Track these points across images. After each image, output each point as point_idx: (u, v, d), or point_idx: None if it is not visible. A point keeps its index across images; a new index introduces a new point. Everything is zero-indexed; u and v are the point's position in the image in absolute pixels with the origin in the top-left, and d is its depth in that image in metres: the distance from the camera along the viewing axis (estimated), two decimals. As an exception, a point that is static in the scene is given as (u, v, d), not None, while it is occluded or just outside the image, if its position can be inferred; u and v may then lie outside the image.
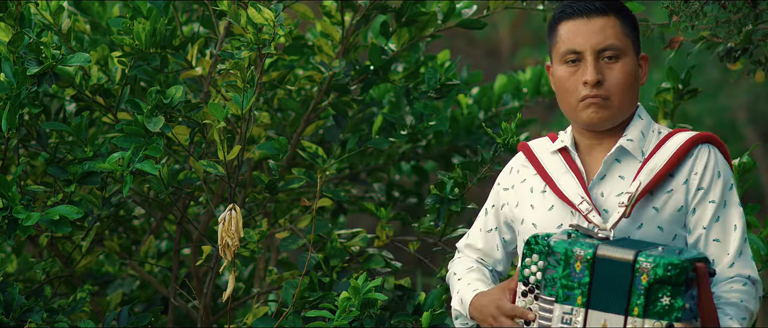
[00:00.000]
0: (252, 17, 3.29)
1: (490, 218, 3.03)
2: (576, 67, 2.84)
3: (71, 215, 3.27)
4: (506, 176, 3.01)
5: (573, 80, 2.84)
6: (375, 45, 3.82)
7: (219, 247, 3.27)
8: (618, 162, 2.86)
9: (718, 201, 2.82)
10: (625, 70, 2.83)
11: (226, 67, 3.38)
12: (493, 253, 3.03)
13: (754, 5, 3.40)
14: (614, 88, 2.82)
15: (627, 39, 2.85)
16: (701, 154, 2.83)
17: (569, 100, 2.85)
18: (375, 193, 4.37)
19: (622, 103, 2.84)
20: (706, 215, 2.81)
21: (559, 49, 2.86)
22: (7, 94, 3.27)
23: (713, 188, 2.82)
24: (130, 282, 4.19)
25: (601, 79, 2.81)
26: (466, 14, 3.84)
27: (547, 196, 2.88)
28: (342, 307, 3.26)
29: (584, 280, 2.68)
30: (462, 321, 2.99)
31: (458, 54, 4.36)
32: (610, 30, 2.83)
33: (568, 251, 2.69)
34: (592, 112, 2.83)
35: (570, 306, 2.69)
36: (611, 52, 2.83)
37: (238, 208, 3.28)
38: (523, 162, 2.98)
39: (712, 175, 2.82)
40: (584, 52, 2.83)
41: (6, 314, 3.40)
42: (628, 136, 2.86)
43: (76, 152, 3.48)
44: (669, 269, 2.61)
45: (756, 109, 8.58)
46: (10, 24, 3.41)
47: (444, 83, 3.70)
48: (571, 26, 2.85)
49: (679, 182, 2.82)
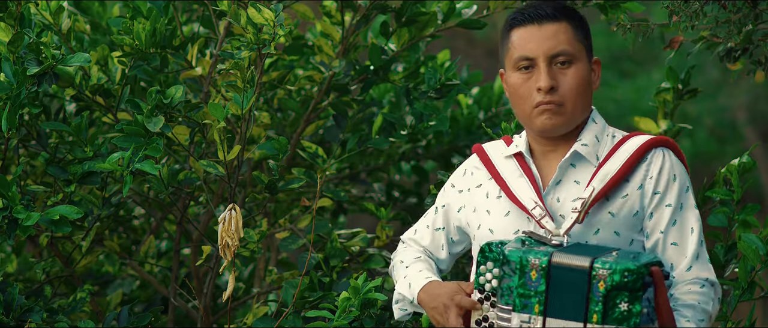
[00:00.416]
0: (252, 17, 3.29)
1: (439, 217, 3.03)
2: (529, 73, 2.84)
3: (71, 215, 3.28)
4: (460, 178, 3.01)
5: (526, 87, 2.84)
6: (375, 45, 3.82)
7: (219, 247, 3.27)
8: (573, 167, 2.85)
9: (675, 204, 2.81)
10: (578, 76, 2.83)
11: (226, 67, 3.38)
12: (437, 252, 3.04)
13: (754, 5, 3.40)
14: (568, 94, 2.83)
15: (579, 44, 2.86)
16: (656, 159, 2.83)
17: (523, 107, 2.85)
18: (375, 193, 4.37)
19: (575, 109, 2.84)
20: (663, 219, 2.81)
21: (512, 55, 2.86)
22: (7, 94, 3.27)
23: (669, 192, 2.82)
24: (130, 282, 4.19)
25: (555, 85, 2.82)
26: (466, 14, 3.84)
27: (503, 201, 2.88)
28: (342, 307, 3.26)
29: (540, 288, 2.67)
30: (402, 306, 2.99)
31: (458, 54, 4.36)
32: (563, 35, 2.84)
33: (523, 260, 2.68)
34: (546, 118, 2.83)
35: (528, 315, 2.69)
36: (564, 58, 2.83)
37: (238, 208, 3.28)
38: (477, 164, 2.98)
39: (668, 178, 2.82)
40: (537, 58, 2.83)
41: (6, 314, 3.40)
42: (582, 141, 2.86)
43: (76, 152, 3.48)
44: (626, 275, 2.60)
45: (756, 109, 8.59)
46: (10, 24, 3.41)
47: (444, 83, 3.70)
48: (523, 33, 2.86)
49: (634, 187, 2.82)
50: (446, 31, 3.89)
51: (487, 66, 8.25)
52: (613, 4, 3.74)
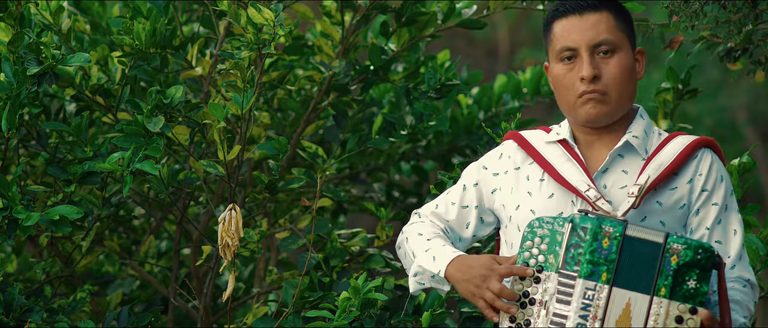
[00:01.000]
0: (252, 17, 3.29)
1: (469, 195, 3.01)
2: (572, 64, 2.86)
3: (71, 215, 3.27)
4: (495, 161, 3.00)
5: (570, 77, 2.86)
6: (375, 45, 3.82)
7: (219, 247, 3.27)
8: (621, 157, 2.88)
9: (721, 205, 2.86)
10: (621, 64, 2.85)
11: (226, 67, 3.38)
12: (461, 230, 3.02)
13: (754, 5, 3.40)
14: (611, 83, 2.84)
15: (621, 33, 2.87)
16: (705, 157, 2.88)
17: (567, 97, 2.87)
18: (375, 193, 4.37)
19: (620, 98, 2.86)
20: (710, 217, 2.85)
21: (555, 47, 2.88)
22: (7, 94, 3.27)
23: (717, 192, 2.86)
24: (130, 282, 4.19)
25: (598, 74, 2.83)
26: (466, 14, 3.84)
27: (546, 184, 2.89)
28: (342, 307, 3.26)
29: (611, 257, 2.70)
30: (421, 279, 2.95)
31: (458, 54, 4.36)
32: (604, 25, 2.85)
33: (597, 227, 2.70)
34: (591, 107, 2.85)
35: (594, 282, 2.70)
36: (606, 47, 2.85)
37: (238, 208, 3.28)
38: (515, 148, 2.98)
39: (716, 179, 2.86)
40: (579, 48, 2.85)
41: (6, 314, 3.40)
42: (633, 133, 2.88)
43: (76, 152, 3.48)
44: (700, 252, 2.65)
45: (756, 109, 8.58)
46: (10, 24, 3.41)
47: (444, 83, 3.70)
48: (565, 24, 2.87)
49: (683, 181, 2.85)
50: (446, 31, 3.89)
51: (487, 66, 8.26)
52: (613, 4, 3.73)
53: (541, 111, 8.28)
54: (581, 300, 2.69)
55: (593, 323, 2.68)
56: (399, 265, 3.68)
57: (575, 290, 2.70)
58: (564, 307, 2.70)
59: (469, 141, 4.27)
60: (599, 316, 2.68)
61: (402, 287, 3.62)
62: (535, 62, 6.25)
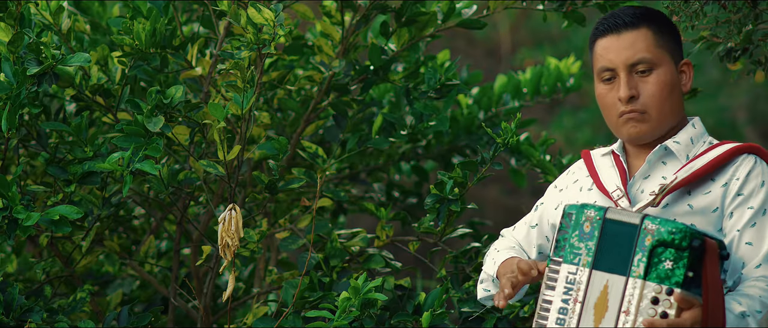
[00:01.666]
0: (252, 17, 3.29)
1: (535, 215, 3.06)
2: (612, 84, 2.87)
3: (71, 215, 3.27)
4: (563, 178, 3.06)
5: (610, 97, 2.88)
6: (375, 45, 3.82)
7: (219, 247, 3.27)
8: (663, 164, 2.88)
9: (758, 209, 2.80)
10: (659, 82, 2.84)
11: (226, 67, 3.38)
12: (529, 249, 3.06)
13: (754, 5, 3.40)
14: (650, 101, 2.85)
15: (660, 50, 2.86)
16: (746, 162, 2.83)
17: (610, 116, 2.89)
18: (375, 193, 4.37)
19: (660, 115, 2.86)
20: (743, 219, 2.79)
21: (595, 66, 2.90)
22: (7, 94, 3.27)
23: (755, 196, 2.81)
24: (130, 282, 4.19)
25: (635, 94, 2.84)
26: (466, 14, 3.84)
27: (592, 193, 2.93)
28: (342, 307, 3.26)
29: (591, 240, 2.70)
30: (486, 286, 3.00)
31: (458, 54, 4.36)
32: (641, 43, 2.85)
33: (579, 212, 2.71)
34: (631, 127, 2.86)
35: (575, 267, 2.70)
36: (644, 66, 2.85)
37: (238, 208, 3.28)
38: (581, 165, 3.03)
39: (756, 184, 2.81)
40: (616, 68, 2.85)
41: (6, 314, 3.40)
42: (675, 139, 2.88)
43: (76, 152, 3.48)
44: (673, 232, 2.62)
45: (756, 109, 8.58)
46: (10, 24, 3.41)
47: (444, 83, 3.70)
48: (605, 43, 2.87)
49: (718, 185, 2.82)
50: (446, 31, 3.89)
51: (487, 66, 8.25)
52: (613, 4, 3.74)
53: (541, 111, 8.28)
54: (564, 284, 2.70)
55: (574, 306, 2.68)
56: (399, 265, 3.69)
57: (559, 275, 2.71)
58: (550, 293, 2.72)
59: (469, 141, 4.27)
60: (579, 299, 2.68)
61: (402, 287, 3.62)
62: (535, 62, 6.25)
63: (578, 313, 2.68)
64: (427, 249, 3.82)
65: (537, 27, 8.95)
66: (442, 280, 3.66)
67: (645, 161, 2.88)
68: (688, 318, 2.60)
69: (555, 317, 2.69)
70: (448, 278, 3.63)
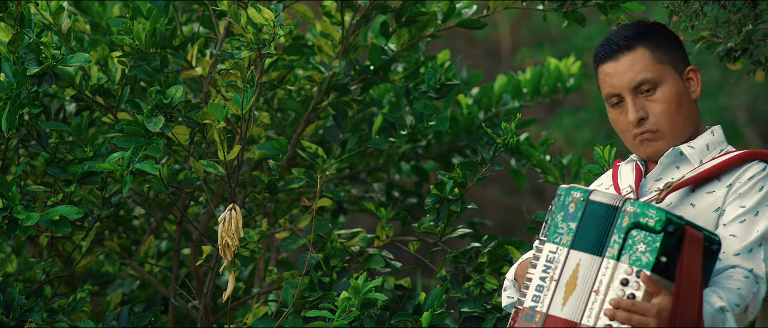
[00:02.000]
0: (252, 17, 3.29)
1: None
2: (621, 108, 2.90)
3: (71, 215, 3.27)
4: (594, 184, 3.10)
5: (621, 121, 2.91)
6: (375, 45, 3.82)
7: (219, 247, 3.27)
8: (676, 168, 2.89)
9: (749, 208, 2.79)
10: (666, 98, 2.86)
11: (226, 67, 3.38)
12: None
13: (754, 5, 3.40)
14: (659, 119, 2.87)
15: (661, 66, 2.87)
16: (753, 167, 2.83)
17: (626, 139, 2.93)
18: (375, 193, 4.37)
19: (673, 129, 2.87)
20: (731, 214, 2.79)
21: (603, 92, 2.93)
22: (7, 94, 3.27)
23: (749, 197, 2.80)
24: (130, 282, 4.19)
25: (644, 115, 2.86)
26: (466, 14, 3.84)
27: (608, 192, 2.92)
28: (342, 307, 3.26)
29: (573, 221, 2.71)
30: (509, 293, 2.99)
31: (458, 54, 4.36)
32: (640, 63, 2.86)
33: (567, 194, 2.72)
34: (647, 147, 2.89)
35: (555, 246, 2.71)
36: (647, 85, 2.86)
37: (238, 208, 3.28)
38: (608, 175, 3.05)
39: (754, 186, 2.81)
40: (621, 92, 2.88)
41: (6, 314, 3.40)
42: (689, 144, 2.88)
43: (76, 152, 3.48)
44: (649, 215, 2.61)
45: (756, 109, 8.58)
46: (10, 24, 3.41)
47: (444, 83, 3.70)
48: (605, 69, 2.90)
49: (722, 185, 2.82)
50: (446, 31, 3.89)
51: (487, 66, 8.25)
52: (613, 4, 3.74)
53: (541, 111, 8.28)
54: (544, 262, 2.71)
55: (550, 284, 2.69)
56: (399, 265, 3.69)
57: (542, 254, 2.72)
58: (532, 270, 2.73)
59: (469, 141, 4.27)
60: (555, 277, 2.69)
61: (402, 287, 3.62)
62: (535, 62, 6.25)
63: (552, 290, 2.69)
64: (427, 249, 3.82)
65: (537, 27, 8.94)
66: (442, 280, 3.66)
67: (658, 163, 2.89)
68: (656, 304, 2.59)
69: (532, 294, 2.70)
70: (448, 278, 3.63)
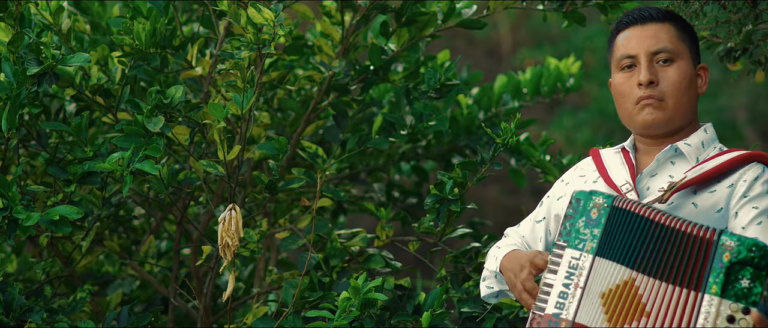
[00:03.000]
0: (252, 17, 3.29)
1: (542, 210, 3.06)
2: (631, 72, 2.90)
3: (71, 215, 3.27)
4: (570, 173, 3.07)
5: (628, 84, 2.90)
6: (375, 45, 3.82)
7: (219, 247, 3.27)
8: (672, 164, 2.90)
9: (763, 210, 2.80)
10: (680, 73, 2.88)
11: (226, 67, 3.38)
12: (535, 244, 3.06)
13: (754, 5, 3.40)
14: (668, 90, 2.87)
15: (682, 45, 2.90)
16: (754, 168, 2.85)
17: (626, 105, 2.91)
18: (375, 193, 4.37)
19: (677, 105, 2.88)
20: (747, 217, 2.80)
21: (616, 56, 2.93)
22: (7, 94, 3.27)
23: (760, 200, 2.81)
24: (130, 282, 4.19)
25: (655, 80, 2.87)
26: (466, 14, 3.84)
27: (597, 185, 2.93)
28: (342, 307, 3.26)
29: (597, 227, 2.71)
30: (489, 283, 3.01)
31: (458, 54, 4.36)
32: (665, 34, 2.89)
33: (587, 198, 2.72)
34: (647, 113, 2.88)
35: (579, 252, 2.71)
36: (665, 55, 2.88)
37: (238, 208, 3.28)
38: (589, 161, 3.04)
39: (762, 190, 2.82)
40: (638, 55, 2.89)
41: (6, 314, 3.40)
42: (687, 141, 2.89)
43: (76, 152, 3.48)
44: (754, 251, 2.60)
45: (756, 109, 8.58)
46: (10, 24, 3.41)
47: (444, 83, 3.70)
48: (627, 34, 2.92)
49: (724, 186, 2.83)
50: (446, 31, 3.89)
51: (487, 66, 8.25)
52: (613, 4, 3.74)
53: (541, 111, 8.28)
54: (566, 269, 2.71)
55: (574, 290, 2.69)
56: (399, 265, 3.69)
57: (563, 260, 2.71)
58: (552, 277, 2.72)
59: (469, 141, 4.27)
60: (581, 284, 2.68)
61: (402, 287, 3.62)
62: (535, 62, 6.25)
63: (578, 298, 2.68)
64: (427, 249, 3.82)
65: (537, 27, 8.95)
66: (442, 280, 3.66)
67: (654, 159, 2.89)
68: None
69: (555, 301, 2.70)
70: (448, 278, 3.63)
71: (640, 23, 2.90)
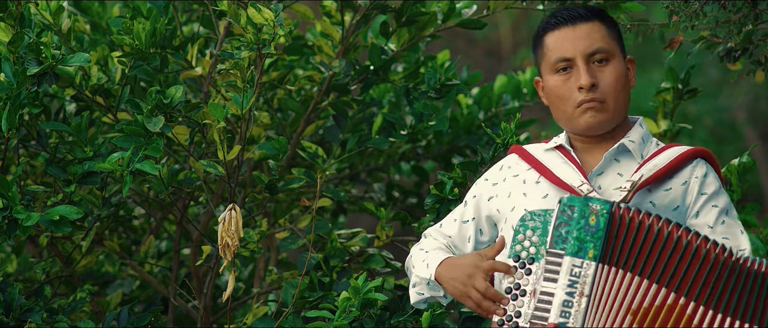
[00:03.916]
0: (252, 17, 3.29)
1: (469, 209, 3.04)
2: (568, 74, 2.89)
3: (71, 215, 3.27)
4: (495, 172, 3.04)
5: (566, 87, 2.89)
6: (375, 45, 3.82)
7: (219, 247, 3.27)
8: (617, 161, 2.90)
9: (722, 209, 2.86)
10: (616, 72, 2.89)
11: (226, 67, 3.38)
12: (463, 244, 3.04)
13: (754, 5, 3.40)
14: (608, 91, 2.88)
15: (613, 42, 2.91)
16: (701, 165, 2.89)
17: (565, 108, 2.90)
18: (375, 193, 4.37)
19: (616, 105, 2.89)
20: (711, 217, 2.85)
21: (550, 59, 2.91)
22: (7, 94, 3.27)
23: (717, 198, 2.87)
24: (130, 282, 4.19)
25: (595, 82, 2.86)
26: (466, 14, 3.84)
27: (541, 186, 2.92)
28: (342, 307, 3.26)
29: (598, 234, 2.70)
30: (419, 289, 2.99)
31: (458, 54, 4.36)
32: (597, 34, 2.89)
33: (584, 205, 2.72)
34: (590, 116, 2.87)
35: (580, 259, 2.70)
36: (601, 55, 2.89)
37: (238, 208, 3.28)
38: (517, 160, 3.01)
39: (716, 188, 2.87)
40: (575, 58, 2.88)
41: (6, 314, 3.40)
42: (630, 138, 2.90)
43: (76, 152, 3.48)
44: None
45: (756, 109, 8.59)
46: (10, 24, 3.41)
47: (444, 83, 3.70)
48: (558, 35, 2.90)
49: (677, 183, 2.86)
50: (446, 31, 3.89)
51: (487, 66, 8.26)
52: (613, 4, 3.74)
53: (541, 111, 8.27)
54: (568, 277, 2.70)
55: (579, 299, 2.69)
56: (399, 265, 3.69)
57: (562, 268, 2.71)
58: (551, 284, 2.71)
59: (469, 141, 4.27)
60: (585, 293, 2.69)
61: (402, 287, 3.62)
62: (535, 62, 6.24)
63: (584, 307, 2.68)
64: (427, 249, 3.82)
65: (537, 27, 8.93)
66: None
67: (603, 158, 2.89)
68: None
69: (559, 310, 2.70)
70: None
71: (570, 24, 2.89)
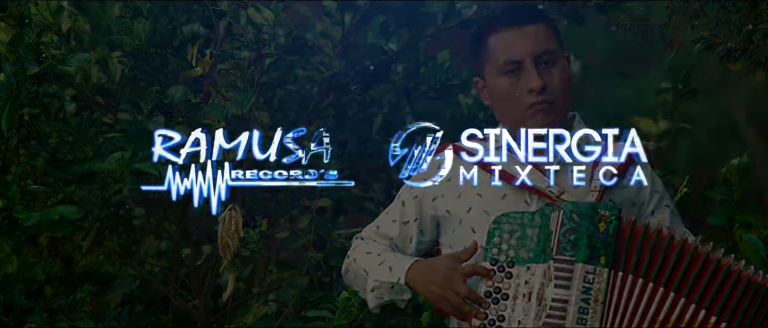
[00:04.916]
0: (252, 17, 3.29)
1: (409, 210, 3.01)
2: (516, 76, 2.89)
3: (71, 215, 3.27)
4: (434, 171, 2.97)
5: (516, 89, 2.90)
6: (375, 45, 3.82)
7: (219, 247, 3.27)
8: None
9: (671, 208, 2.94)
10: (562, 73, 2.91)
11: (226, 67, 3.38)
12: (405, 245, 3.03)
13: (754, 5, 3.40)
14: (557, 92, 2.90)
15: (556, 42, 2.93)
16: (642, 164, 2.89)
17: (514, 108, 2.90)
18: (375, 193, 4.36)
19: (565, 104, 2.92)
20: (666, 218, 2.92)
21: (496, 60, 2.90)
22: (7, 94, 3.27)
23: (665, 196, 2.94)
24: (130, 282, 4.19)
25: (545, 84, 2.87)
26: (466, 14, 3.84)
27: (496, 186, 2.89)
28: (342, 307, 3.25)
29: (609, 240, 2.72)
30: (379, 293, 2.96)
31: (458, 54, 4.36)
32: (542, 36, 2.90)
33: (591, 211, 2.72)
34: (542, 117, 2.88)
35: (593, 266, 2.71)
36: (548, 57, 2.90)
37: (238, 208, 3.28)
38: (457, 159, 2.95)
39: (661, 185, 2.94)
40: (523, 60, 2.88)
41: (6, 314, 3.39)
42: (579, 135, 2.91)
43: (76, 152, 3.48)
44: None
45: (756, 109, 8.58)
46: (10, 24, 3.41)
47: (444, 83, 3.70)
48: (504, 37, 2.91)
49: (630, 181, 2.88)
50: (446, 31, 3.89)
51: (487, 66, 8.23)
52: (613, 4, 3.74)
53: (541, 111, 8.26)
54: (582, 284, 2.71)
55: (595, 305, 2.69)
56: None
57: (575, 275, 2.71)
58: (563, 292, 2.72)
59: (469, 141, 4.27)
60: (600, 299, 2.69)
61: (402, 287, 3.61)
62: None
63: (600, 313, 2.69)
64: (426, 249, 3.81)
65: (537, 27, 8.92)
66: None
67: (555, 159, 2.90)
68: None
69: (576, 317, 2.71)
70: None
71: (516, 25, 2.90)
